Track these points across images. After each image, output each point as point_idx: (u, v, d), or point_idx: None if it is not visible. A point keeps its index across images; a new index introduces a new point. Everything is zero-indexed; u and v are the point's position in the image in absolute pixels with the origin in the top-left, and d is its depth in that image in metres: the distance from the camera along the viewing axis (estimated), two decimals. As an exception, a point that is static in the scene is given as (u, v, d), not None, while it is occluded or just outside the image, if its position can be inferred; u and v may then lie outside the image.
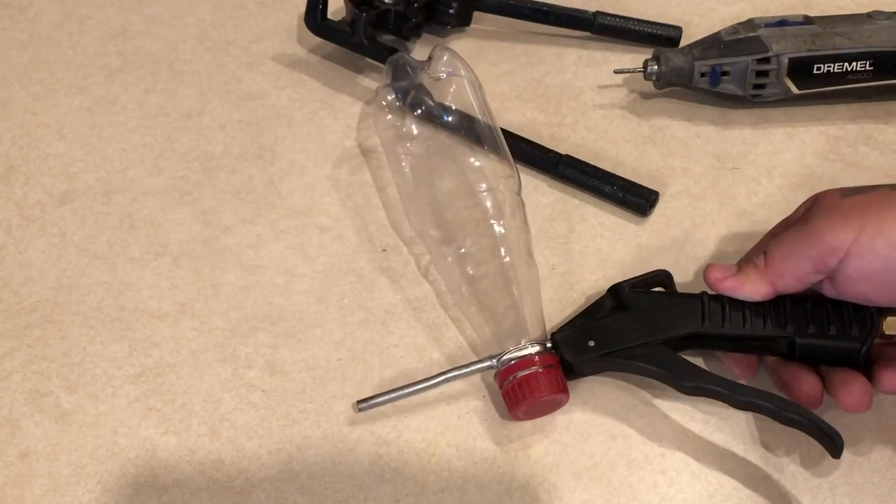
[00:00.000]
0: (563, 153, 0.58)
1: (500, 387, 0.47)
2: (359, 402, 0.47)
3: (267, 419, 0.48)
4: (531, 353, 0.47)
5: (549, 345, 0.47)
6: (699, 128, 0.61)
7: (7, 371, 0.51)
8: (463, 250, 0.51)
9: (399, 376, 0.50)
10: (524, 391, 0.46)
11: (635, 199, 0.56)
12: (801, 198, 0.57)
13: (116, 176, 0.60)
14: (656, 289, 0.50)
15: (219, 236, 0.57)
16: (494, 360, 0.47)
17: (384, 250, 0.55)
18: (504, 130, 0.60)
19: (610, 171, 0.57)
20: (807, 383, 0.45)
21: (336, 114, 0.63)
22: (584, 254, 0.55)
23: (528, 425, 0.48)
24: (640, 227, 0.56)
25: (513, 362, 0.47)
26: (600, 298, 0.49)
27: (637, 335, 0.46)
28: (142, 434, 0.48)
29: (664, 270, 0.50)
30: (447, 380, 0.47)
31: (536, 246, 0.54)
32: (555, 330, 0.48)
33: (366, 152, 0.61)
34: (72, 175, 0.60)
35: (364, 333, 0.52)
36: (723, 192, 0.57)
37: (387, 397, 0.47)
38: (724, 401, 0.45)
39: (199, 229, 0.57)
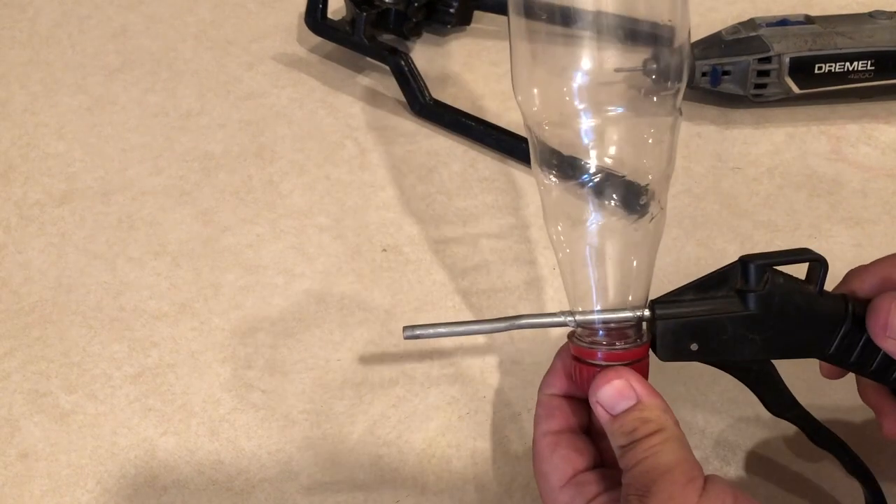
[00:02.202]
0: (565, 153, 0.58)
1: (572, 349, 0.39)
2: (405, 328, 0.39)
3: (266, 419, 0.48)
4: (619, 343, 0.38)
5: (646, 313, 0.38)
6: (700, 127, 0.61)
7: (6, 371, 0.51)
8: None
9: (399, 376, 0.50)
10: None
11: (636, 198, 0.56)
12: (802, 198, 0.57)
13: (116, 176, 0.60)
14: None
15: (218, 236, 0.56)
16: (571, 318, 0.38)
17: (384, 250, 0.55)
18: (504, 129, 0.60)
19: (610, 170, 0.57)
20: None
21: (336, 113, 0.63)
22: (585, 254, 0.55)
23: (527, 425, 0.48)
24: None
25: (595, 339, 0.38)
26: (728, 268, 0.38)
27: (751, 350, 0.38)
28: (141, 434, 0.48)
29: (818, 258, 0.38)
30: (511, 327, 0.39)
31: (536, 246, 0.54)
32: (657, 298, 0.39)
33: (365, 152, 0.61)
34: (71, 175, 0.60)
35: (364, 333, 0.52)
36: (724, 191, 0.57)
37: (437, 330, 0.39)
38: (805, 432, 0.40)
39: (199, 229, 0.57)
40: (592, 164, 0.41)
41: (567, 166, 0.41)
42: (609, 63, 0.42)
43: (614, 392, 0.36)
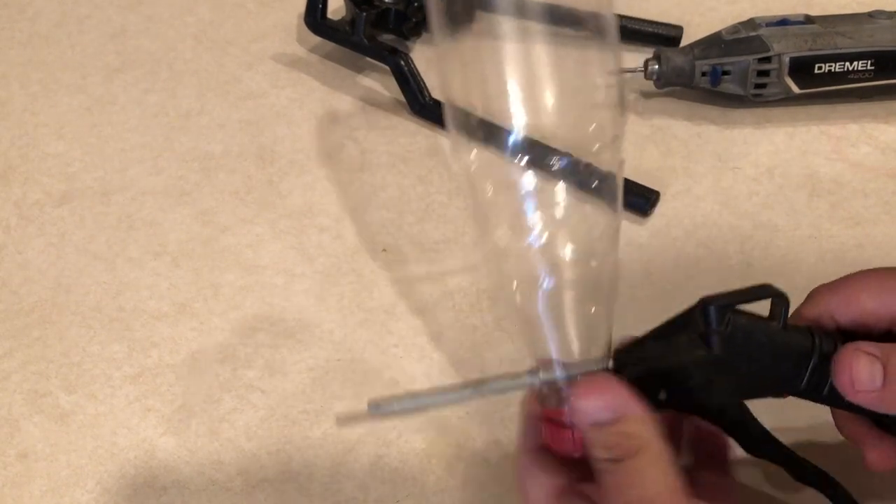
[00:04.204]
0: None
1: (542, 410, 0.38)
2: (370, 402, 0.38)
3: (266, 420, 0.48)
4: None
5: (610, 364, 0.37)
6: (700, 127, 0.61)
7: (6, 371, 0.51)
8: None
9: (399, 377, 0.49)
10: (568, 446, 0.36)
11: (636, 199, 0.56)
12: (803, 198, 0.57)
13: (115, 176, 0.60)
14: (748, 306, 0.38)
15: (218, 236, 0.56)
16: (536, 378, 0.37)
17: (384, 250, 0.55)
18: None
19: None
20: (883, 452, 0.39)
21: (336, 113, 0.63)
22: (585, 254, 0.55)
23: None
24: (640, 228, 0.56)
25: (563, 395, 0.37)
26: (689, 312, 0.37)
27: (720, 394, 0.36)
28: (141, 434, 0.48)
29: (780, 294, 0.37)
30: (478, 393, 0.38)
31: (537, 246, 0.54)
32: (621, 348, 0.38)
33: (365, 152, 0.61)
34: (71, 175, 0.60)
35: (364, 333, 0.51)
36: (724, 192, 0.57)
37: (402, 405, 0.38)
38: (786, 470, 0.39)
39: (199, 229, 0.57)
40: (537, 222, 0.39)
41: (515, 226, 0.40)
42: (547, 119, 0.41)
43: (597, 402, 0.34)
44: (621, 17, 0.66)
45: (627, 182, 0.57)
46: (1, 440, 0.48)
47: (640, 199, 0.56)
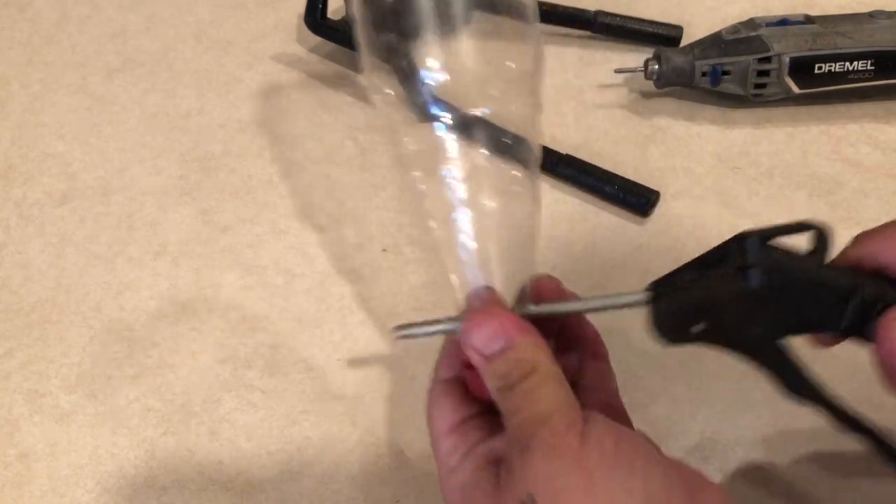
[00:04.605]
0: (564, 153, 0.58)
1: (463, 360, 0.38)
2: (395, 328, 0.39)
3: (266, 420, 0.48)
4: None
5: (644, 296, 0.37)
6: (700, 127, 0.61)
7: (6, 371, 0.51)
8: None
9: (399, 376, 0.49)
10: (485, 390, 0.36)
11: (636, 199, 0.56)
12: (803, 198, 0.57)
13: (115, 175, 0.60)
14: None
15: (218, 236, 0.56)
16: (457, 324, 0.37)
17: (384, 250, 0.55)
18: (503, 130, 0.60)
19: (610, 170, 0.57)
20: None
21: (336, 113, 0.63)
22: (585, 254, 0.55)
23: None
24: (640, 228, 0.56)
25: None
26: (725, 246, 0.37)
27: (760, 329, 0.36)
28: (141, 434, 0.48)
29: (820, 227, 0.36)
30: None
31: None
32: (657, 280, 0.38)
33: (365, 152, 0.61)
34: (71, 175, 0.60)
35: (364, 333, 0.51)
36: (724, 192, 0.57)
37: (426, 329, 0.39)
38: (829, 415, 0.37)
39: (199, 229, 0.57)
40: (450, 161, 0.40)
41: (429, 166, 0.41)
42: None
43: (485, 334, 0.35)
44: (622, 16, 0.66)
45: (627, 182, 0.57)
46: (1, 440, 0.48)
47: (640, 199, 0.56)
